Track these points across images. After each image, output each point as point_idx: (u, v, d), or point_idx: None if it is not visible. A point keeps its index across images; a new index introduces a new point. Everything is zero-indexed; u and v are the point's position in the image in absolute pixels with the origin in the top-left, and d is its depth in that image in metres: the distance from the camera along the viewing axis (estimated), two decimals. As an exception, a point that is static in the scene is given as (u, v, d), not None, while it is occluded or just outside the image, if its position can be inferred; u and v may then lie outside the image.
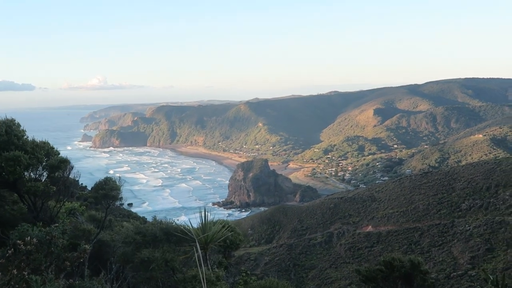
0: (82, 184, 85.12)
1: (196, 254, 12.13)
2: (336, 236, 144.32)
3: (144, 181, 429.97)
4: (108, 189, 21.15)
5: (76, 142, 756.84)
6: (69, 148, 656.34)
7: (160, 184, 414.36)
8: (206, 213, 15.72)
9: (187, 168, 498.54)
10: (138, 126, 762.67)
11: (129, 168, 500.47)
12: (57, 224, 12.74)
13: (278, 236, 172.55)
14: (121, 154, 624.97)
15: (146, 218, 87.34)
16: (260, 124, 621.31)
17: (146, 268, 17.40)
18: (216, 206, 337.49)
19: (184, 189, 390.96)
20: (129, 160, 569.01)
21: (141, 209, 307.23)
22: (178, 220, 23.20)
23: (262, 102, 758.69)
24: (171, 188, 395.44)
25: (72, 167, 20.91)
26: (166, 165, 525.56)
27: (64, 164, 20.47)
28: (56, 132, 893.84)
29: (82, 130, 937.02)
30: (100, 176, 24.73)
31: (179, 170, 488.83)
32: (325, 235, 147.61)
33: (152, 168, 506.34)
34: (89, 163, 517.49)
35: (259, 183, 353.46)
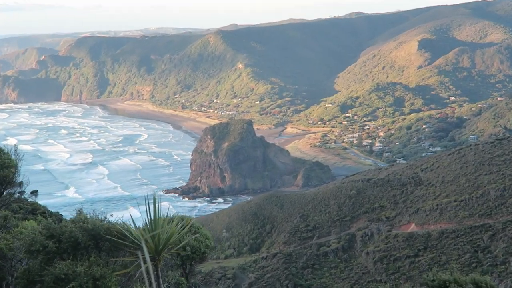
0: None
1: (142, 267, 12.15)
2: (361, 240, 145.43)
3: (65, 155, 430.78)
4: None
5: None
6: None
7: (90, 160, 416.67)
8: (157, 203, 15.68)
9: (129, 135, 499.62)
10: (47, 70, 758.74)
11: (39, 136, 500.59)
12: None
13: (269, 240, 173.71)
14: (26, 114, 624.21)
15: (61, 215, 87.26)
16: (241, 65, 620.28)
17: (63, 290, 17.41)
18: (173, 194, 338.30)
19: (128, 168, 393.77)
20: (38, 123, 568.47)
21: (65, 198, 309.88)
22: (112, 215, 23.02)
23: (243, 31, 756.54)
24: (107, 166, 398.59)
25: None
26: (95, 130, 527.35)
27: None
28: None
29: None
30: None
31: (117, 138, 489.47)
32: (343, 239, 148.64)
33: (77, 134, 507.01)
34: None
35: (239, 158, 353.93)
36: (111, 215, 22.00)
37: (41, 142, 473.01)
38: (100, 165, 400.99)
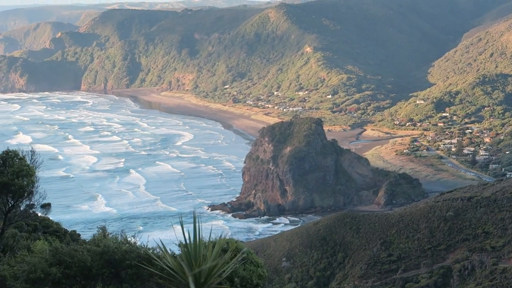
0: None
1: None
2: (458, 276, 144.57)
3: (92, 159, 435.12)
4: (11, 174, 20.78)
5: None
6: None
7: (121, 166, 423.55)
8: (198, 223, 15.54)
9: (168, 135, 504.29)
10: (63, 51, 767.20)
11: (58, 134, 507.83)
12: None
13: (341, 273, 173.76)
14: (41, 106, 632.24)
15: (79, 234, 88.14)
16: (309, 49, 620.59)
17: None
18: (219, 211, 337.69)
19: (168, 176, 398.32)
20: (56, 117, 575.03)
21: (91, 213, 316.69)
22: (147, 237, 22.86)
23: (312, 5, 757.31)
24: (142, 173, 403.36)
25: None
26: (126, 128, 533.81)
27: None
28: None
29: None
30: None
31: (154, 138, 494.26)
32: (435, 273, 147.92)
33: (106, 132, 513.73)
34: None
35: (304, 167, 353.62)
36: (148, 236, 21.74)
37: (60, 141, 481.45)
38: (134, 172, 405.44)
